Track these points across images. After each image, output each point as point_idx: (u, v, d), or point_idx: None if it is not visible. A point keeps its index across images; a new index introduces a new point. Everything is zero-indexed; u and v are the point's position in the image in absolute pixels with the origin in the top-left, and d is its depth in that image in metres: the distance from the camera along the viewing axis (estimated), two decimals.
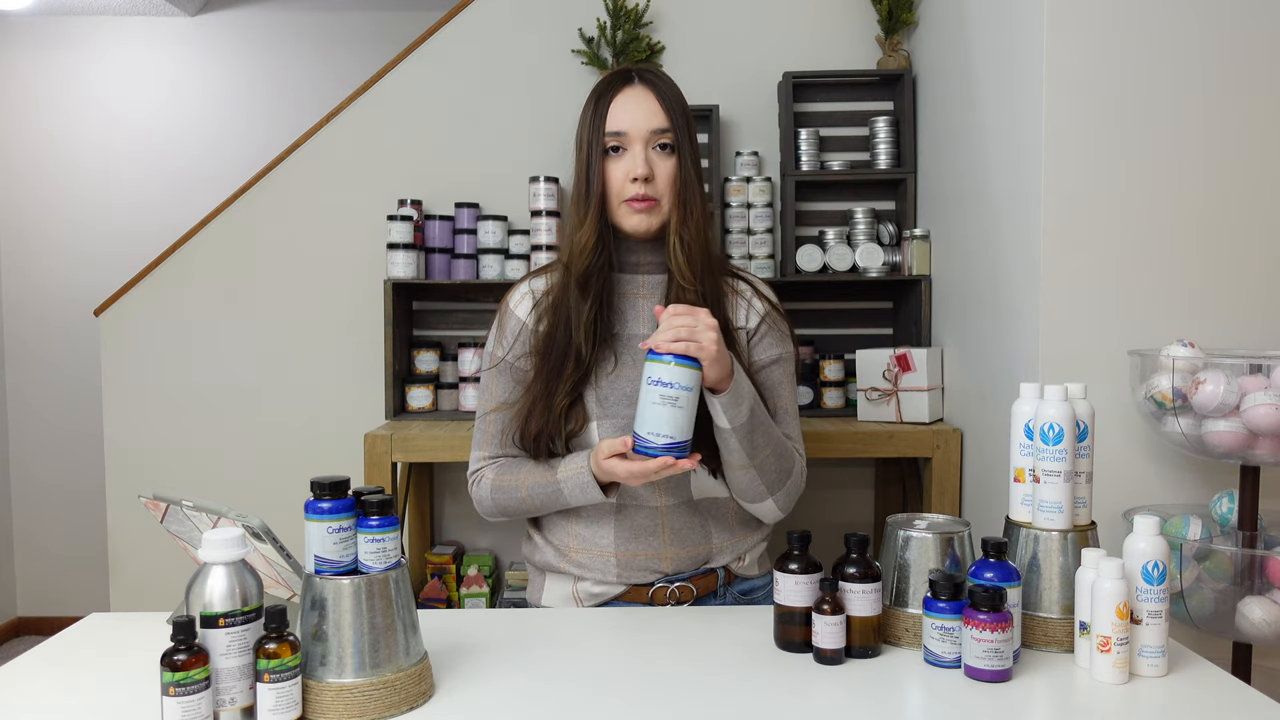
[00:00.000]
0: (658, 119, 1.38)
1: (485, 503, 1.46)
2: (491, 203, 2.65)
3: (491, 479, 1.45)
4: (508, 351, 1.46)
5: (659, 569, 1.42)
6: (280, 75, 3.95)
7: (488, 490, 1.45)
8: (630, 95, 1.39)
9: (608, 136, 1.38)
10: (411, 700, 1.00)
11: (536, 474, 1.40)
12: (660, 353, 1.20)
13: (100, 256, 3.92)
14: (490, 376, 1.48)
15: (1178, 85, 1.69)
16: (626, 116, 1.38)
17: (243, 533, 0.97)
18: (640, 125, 1.38)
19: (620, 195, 1.39)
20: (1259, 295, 1.71)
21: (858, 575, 1.14)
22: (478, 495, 1.47)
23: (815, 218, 2.65)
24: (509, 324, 1.47)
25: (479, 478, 1.47)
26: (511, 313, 1.48)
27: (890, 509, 2.60)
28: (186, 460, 2.72)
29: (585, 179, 1.40)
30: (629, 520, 1.41)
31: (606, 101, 1.40)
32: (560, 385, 1.39)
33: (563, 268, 1.43)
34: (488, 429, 1.47)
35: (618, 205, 1.40)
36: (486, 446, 1.47)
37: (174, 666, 0.89)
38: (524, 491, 1.40)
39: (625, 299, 1.45)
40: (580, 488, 1.34)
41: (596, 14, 2.61)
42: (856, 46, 2.64)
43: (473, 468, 1.49)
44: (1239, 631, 1.48)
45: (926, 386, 2.29)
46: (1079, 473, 1.17)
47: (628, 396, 1.40)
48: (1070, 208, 1.71)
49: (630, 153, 1.38)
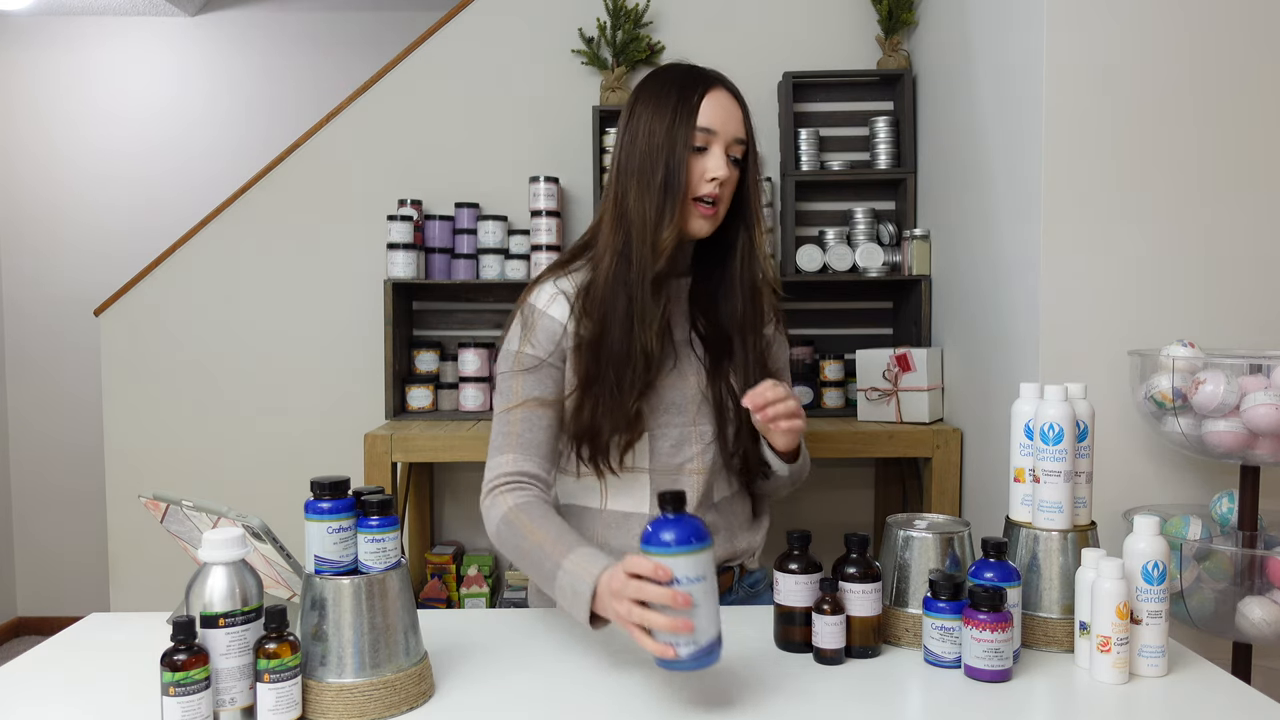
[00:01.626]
0: (740, 128, 1.34)
1: (490, 527, 1.31)
2: (491, 203, 2.65)
3: (507, 510, 1.27)
4: (545, 352, 1.36)
5: None
6: (280, 75, 3.95)
7: (499, 517, 1.28)
8: (720, 96, 1.34)
9: (698, 132, 1.31)
10: (411, 700, 1.00)
11: (547, 546, 1.19)
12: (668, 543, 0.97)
13: (100, 256, 3.92)
14: (515, 376, 1.36)
15: (1178, 85, 1.69)
16: (718, 116, 1.32)
17: (243, 533, 0.97)
18: (729, 128, 1.33)
19: (694, 192, 1.32)
20: (1259, 295, 1.71)
21: (858, 575, 1.14)
22: (487, 515, 1.31)
23: (815, 218, 2.65)
24: (540, 323, 1.36)
25: (495, 497, 1.30)
26: (543, 313, 1.37)
27: (890, 509, 2.60)
28: (186, 460, 2.72)
29: (666, 173, 1.30)
30: None
31: (697, 97, 1.32)
32: (630, 387, 1.33)
33: (608, 265, 1.34)
34: (511, 427, 1.34)
35: (689, 204, 1.33)
36: (510, 449, 1.33)
37: (174, 666, 0.89)
38: (528, 544, 1.22)
39: (671, 302, 1.39)
40: (572, 592, 1.10)
41: (596, 14, 2.61)
42: (856, 46, 2.64)
43: (491, 476, 1.33)
44: (1239, 631, 1.48)
45: (926, 386, 2.29)
46: (1079, 473, 1.17)
47: (675, 404, 1.38)
48: (1070, 207, 1.71)
49: (712, 153, 1.32)
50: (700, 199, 1.33)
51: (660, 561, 0.95)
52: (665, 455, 1.38)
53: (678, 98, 1.33)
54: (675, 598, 0.94)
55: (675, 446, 1.38)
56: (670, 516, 0.97)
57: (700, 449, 1.39)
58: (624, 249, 1.33)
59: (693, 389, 1.39)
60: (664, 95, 1.34)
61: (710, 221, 1.35)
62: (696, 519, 0.98)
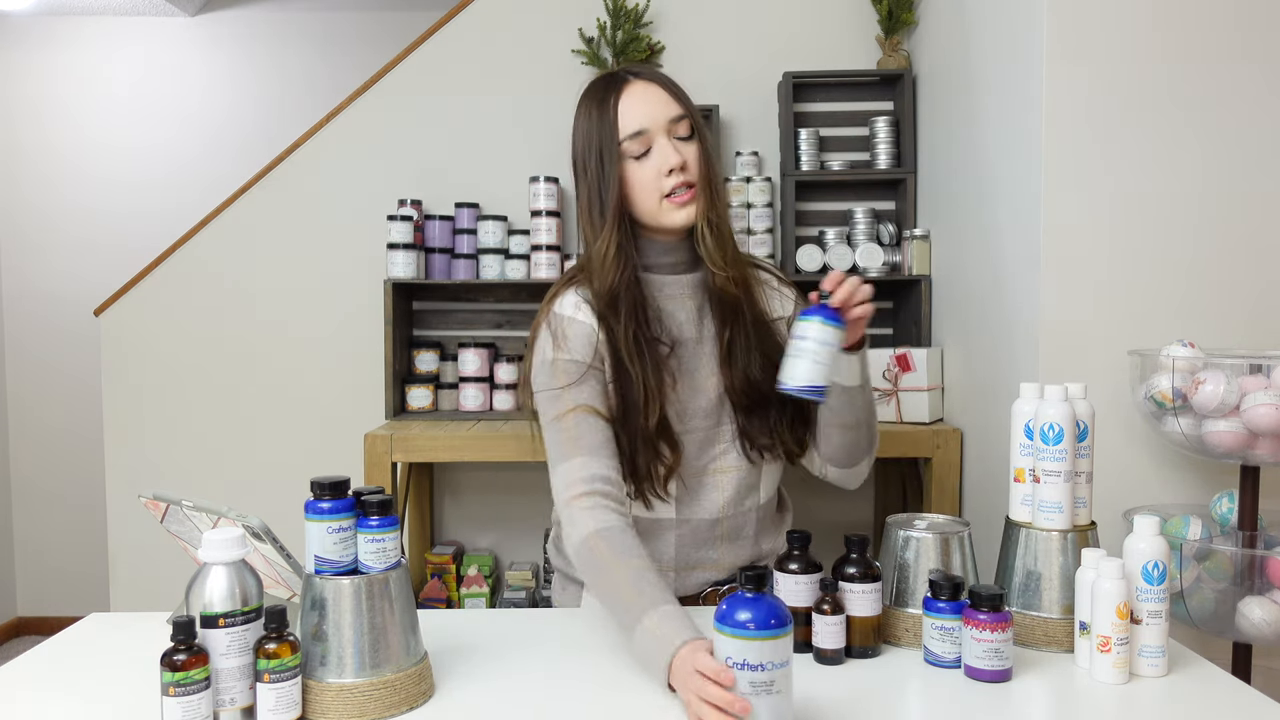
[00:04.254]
0: (672, 107, 1.31)
1: (569, 546, 1.25)
2: (491, 203, 2.65)
3: (587, 535, 1.20)
4: (582, 354, 1.32)
5: (713, 579, 1.40)
6: (280, 75, 3.95)
7: (579, 540, 1.22)
8: (636, 91, 1.32)
9: (627, 140, 1.29)
10: (411, 700, 1.00)
11: (628, 582, 1.14)
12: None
13: (100, 256, 3.92)
14: (558, 387, 1.31)
15: (1178, 85, 1.69)
16: (640, 112, 1.30)
17: (243, 533, 0.97)
18: (658, 117, 1.30)
19: (660, 192, 1.30)
20: (1259, 295, 1.71)
21: (858, 575, 1.14)
22: (567, 532, 1.25)
23: (815, 218, 2.65)
24: (573, 330, 1.32)
25: (575, 514, 1.23)
26: (572, 319, 1.33)
27: (890, 509, 2.60)
28: (186, 460, 2.72)
29: (599, 188, 1.31)
30: (691, 534, 1.37)
31: (613, 104, 1.31)
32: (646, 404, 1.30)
33: (597, 278, 1.34)
34: (567, 433, 1.28)
35: (659, 205, 1.31)
36: (575, 452, 1.27)
37: (174, 666, 0.89)
38: (606, 582, 1.17)
39: (674, 301, 1.37)
40: (648, 656, 1.07)
41: (596, 14, 2.61)
42: (856, 46, 2.64)
43: (565, 485, 1.26)
44: (1239, 631, 1.48)
45: (926, 386, 2.29)
46: (1079, 473, 1.17)
47: (701, 409, 1.35)
48: (1070, 207, 1.71)
49: (656, 148, 1.30)
50: (670, 194, 1.30)
51: (731, 646, 0.91)
52: (691, 458, 1.35)
53: (596, 112, 1.33)
54: (734, 704, 0.90)
55: (700, 448, 1.36)
56: (749, 595, 0.92)
57: (724, 448, 1.37)
58: (588, 265, 1.35)
59: (713, 389, 1.36)
60: (587, 113, 1.34)
61: (689, 208, 1.31)
62: (777, 601, 0.93)
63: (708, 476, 1.37)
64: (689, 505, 1.36)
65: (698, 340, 1.37)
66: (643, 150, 1.30)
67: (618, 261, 1.31)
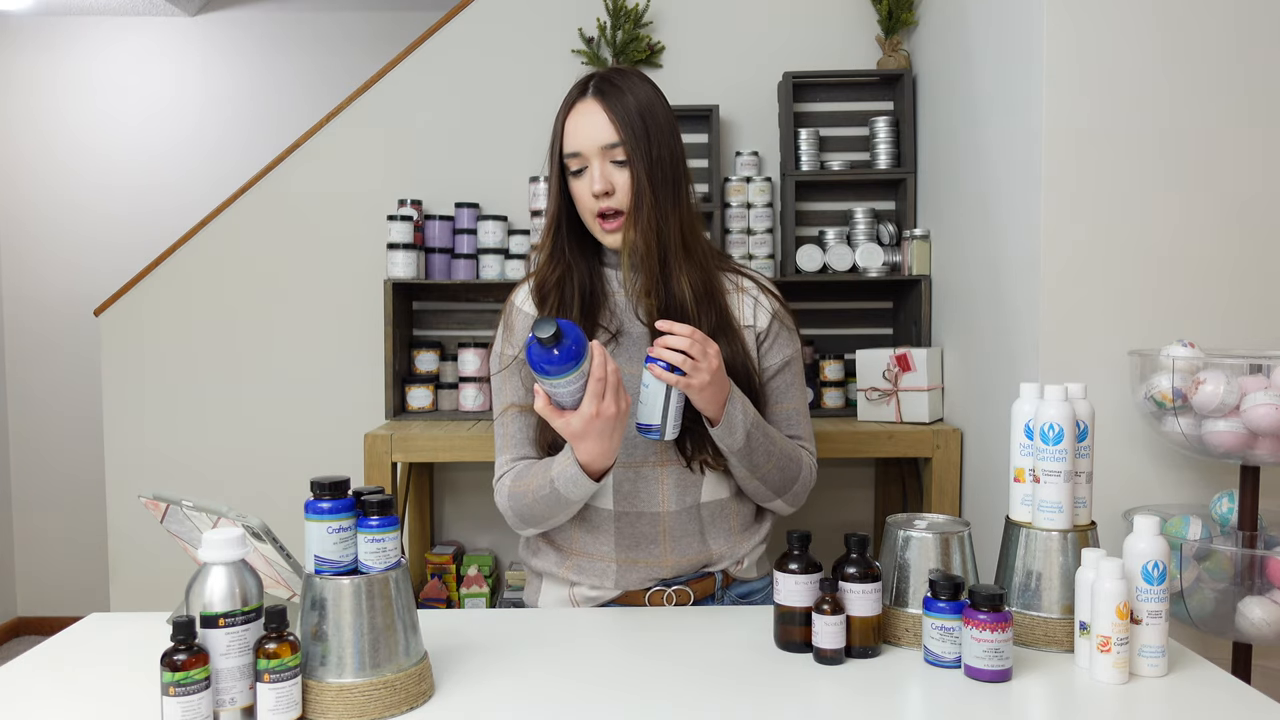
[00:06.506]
0: (607, 134, 1.34)
1: (507, 513, 1.40)
2: (491, 203, 2.65)
3: (509, 486, 1.39)
4: (519, 348, 1.43)
5: (658, 575, 1.41)
6: (280, 75, 3.95)
7: (505, 498, 1.39)
8: (581, 112, 1.36)
9: (567, 158, 1.37)
10: (411, 700, 1.00)
11: (538, 477, 1.33)
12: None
13: (100, 256, 3.92)
14: (502, 377, 1.45)
15: (1178, 84, 1.69)
16: (580, 134, 1.36)
17: (243, 533, 0.97)
18: (593, 141, 1.35)
19: (592, 211, 1.38)
20: (1259, 295, 1.71)
21: (858, 575, 1.14)
22: (500, 505, 1.41)
23: (815, 218, 2.65)
24: (518, 321, 1.45)
25: (500, 487, 1.42)
26: (519, 310, 1.45)
27: (890, 509, 2.60)
28: (186, 460, 2.72)
29: (549, 191, 1.42)
30: (630, 527, 1.39)
31: (562, 121, 1.39)
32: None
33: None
34: (506, 429, 1.43)
35: (592, 222, 1.39)
36: (507, 449, 1.43)
37: (174, 666, 0.89)
38: (529, 498, 1.35)
39: (622, 293, 1.43)
40: (570, 480, 1.27)
41: (596, 14, 2.61)
42: (856, 46, 2.64)
43: (496, 475, 1.44)
44: (1239, 631, 1.48)
45: (926, 386, 2.29)
46: (1079, 473, 1.17)
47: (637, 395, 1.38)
48: (1070, 207, 1.71)
49: (589, 170, 1.36)
50: (601, 215, 1.37)
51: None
52: (623, 452, 1.37)
53: (558, 124, 1.40)
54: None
55: (632, 442, 1.37)
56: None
57: (661, 445, 1.37)
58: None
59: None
60: (555, 123, 1.41)
61: (615, 234, 1.38)
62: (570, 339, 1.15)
63: (647, 469, 1.38)
64: (628, 498, 1.39)
65: (646, 335, 1.40)
66: (580, 168, 1.38)
67: (551, 260, 1.42)
